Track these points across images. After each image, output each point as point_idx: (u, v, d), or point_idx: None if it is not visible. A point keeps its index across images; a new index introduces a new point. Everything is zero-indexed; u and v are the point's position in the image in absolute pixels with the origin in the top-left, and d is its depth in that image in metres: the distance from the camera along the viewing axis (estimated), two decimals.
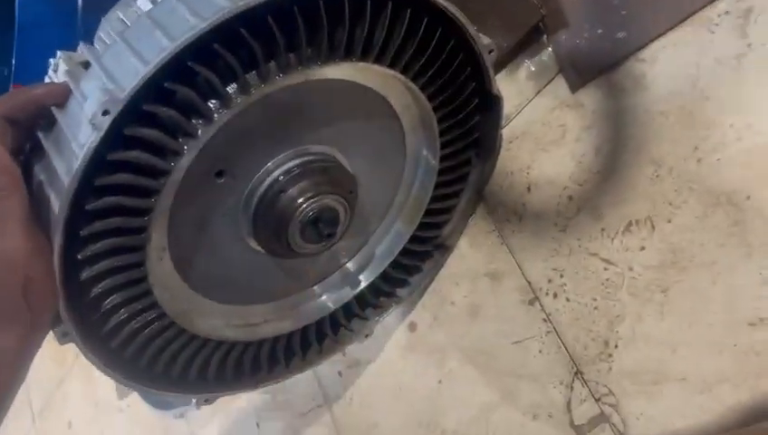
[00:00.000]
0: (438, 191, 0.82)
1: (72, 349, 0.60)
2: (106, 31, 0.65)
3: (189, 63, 0.52)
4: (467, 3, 0.81)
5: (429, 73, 0.68)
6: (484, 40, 0.69)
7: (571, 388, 0.79)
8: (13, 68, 1.00)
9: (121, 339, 0.64)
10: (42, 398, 1.83)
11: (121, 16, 0.65)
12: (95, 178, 0.52)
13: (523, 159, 0.84)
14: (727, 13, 0.66)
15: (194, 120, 0.55)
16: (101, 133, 0.49)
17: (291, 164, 0.67)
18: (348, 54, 0.61)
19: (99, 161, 0.51)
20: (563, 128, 0.80)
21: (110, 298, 0.61)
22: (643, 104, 0.72)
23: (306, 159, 0.67)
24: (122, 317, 0.62)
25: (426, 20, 0.63)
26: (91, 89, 0.53)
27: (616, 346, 0.75)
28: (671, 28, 0.69)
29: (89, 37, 0.66)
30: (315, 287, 0.85)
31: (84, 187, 0.51)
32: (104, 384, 1.59)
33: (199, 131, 0.56)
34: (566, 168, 0.80)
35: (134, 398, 1.48)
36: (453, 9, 0.63)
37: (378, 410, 1.02)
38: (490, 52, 0.70)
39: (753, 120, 0.65)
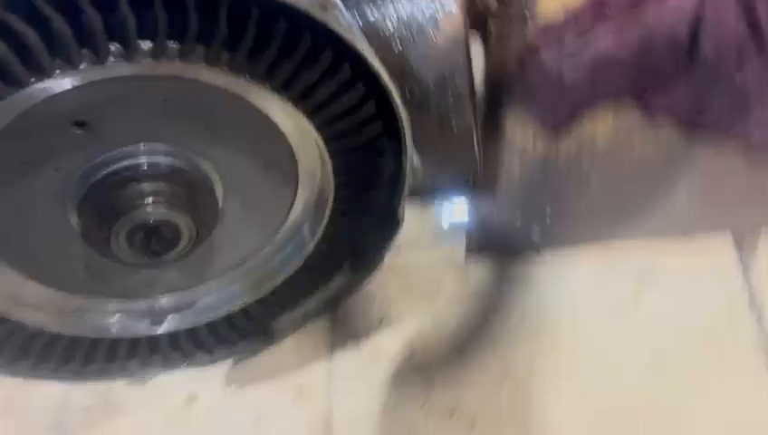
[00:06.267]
0: (295, 276, 0.75)
1: None
2: None
3: None
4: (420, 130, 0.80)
5: (348, 158, 0.64)
6: (415, 160, 0.66)
7: None
8: None
9: None
10: None
11: None
12: None
13: (392, 293, 0.80)
14: None
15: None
16: None
17: (163, 159, 0.59)
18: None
19: None
20: (439, 285, 0.78)
21: None
22: (521, 300, 0.71)
23: (182, 164, 0.60)
24: None
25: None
26: None
27: None
28: (581, 245, 0.69)
29: None
30: (113, 302, 0.74)
31: None
32: None
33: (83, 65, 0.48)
34: (422, 324, 0.77)
35: None
36: (403, 116, 0.60)
37: None
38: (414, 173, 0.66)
39: None
